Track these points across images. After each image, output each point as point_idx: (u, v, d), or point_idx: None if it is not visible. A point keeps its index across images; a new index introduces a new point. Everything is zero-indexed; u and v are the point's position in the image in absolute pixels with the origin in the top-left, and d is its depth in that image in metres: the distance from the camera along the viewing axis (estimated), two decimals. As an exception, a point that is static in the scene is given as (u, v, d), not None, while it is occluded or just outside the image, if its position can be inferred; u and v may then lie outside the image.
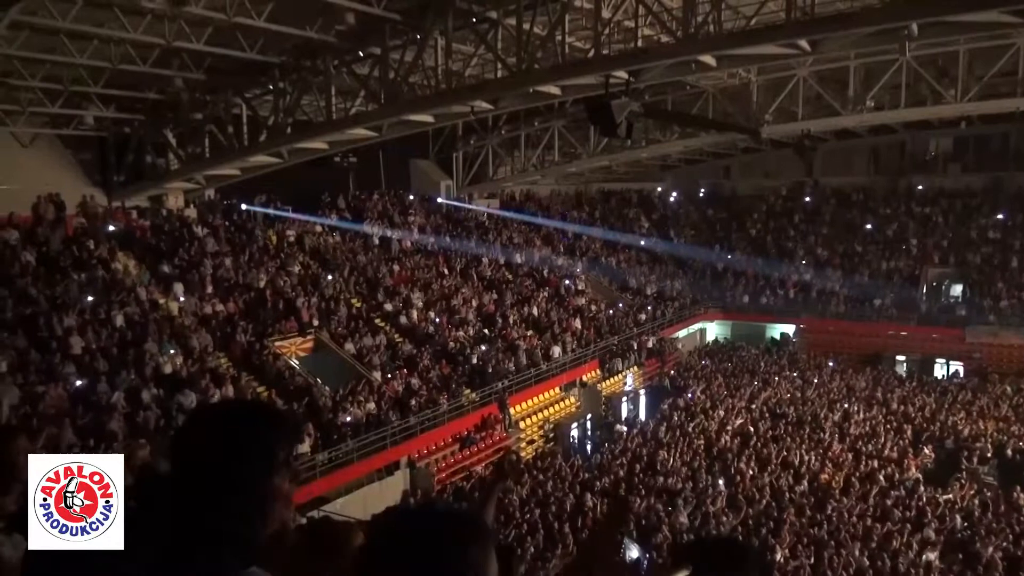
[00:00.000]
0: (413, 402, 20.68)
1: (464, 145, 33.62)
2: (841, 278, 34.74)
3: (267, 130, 21.19)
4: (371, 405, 19.89)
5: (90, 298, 18.75)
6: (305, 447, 17.06)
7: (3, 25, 14.14)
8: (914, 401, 25.86)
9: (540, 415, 24.77)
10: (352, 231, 28.59)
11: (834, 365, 30.99)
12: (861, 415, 24.22)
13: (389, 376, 21.62)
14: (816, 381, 28.52)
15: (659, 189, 44.15)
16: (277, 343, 21.10)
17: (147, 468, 4.77)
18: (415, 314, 25.39)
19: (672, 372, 29.70)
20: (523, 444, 22.92)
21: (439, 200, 33.73)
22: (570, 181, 40.90)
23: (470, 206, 34.70)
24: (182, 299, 20.93)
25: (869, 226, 37.62)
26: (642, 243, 39.69)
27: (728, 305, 36.38)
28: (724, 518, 16.78)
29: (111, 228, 22.07)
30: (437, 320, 25.63)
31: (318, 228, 27.78)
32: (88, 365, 16.69)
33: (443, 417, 21.15)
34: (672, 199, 43.72)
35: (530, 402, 24.79)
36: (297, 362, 21.14)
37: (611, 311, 32.42)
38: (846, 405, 25.21)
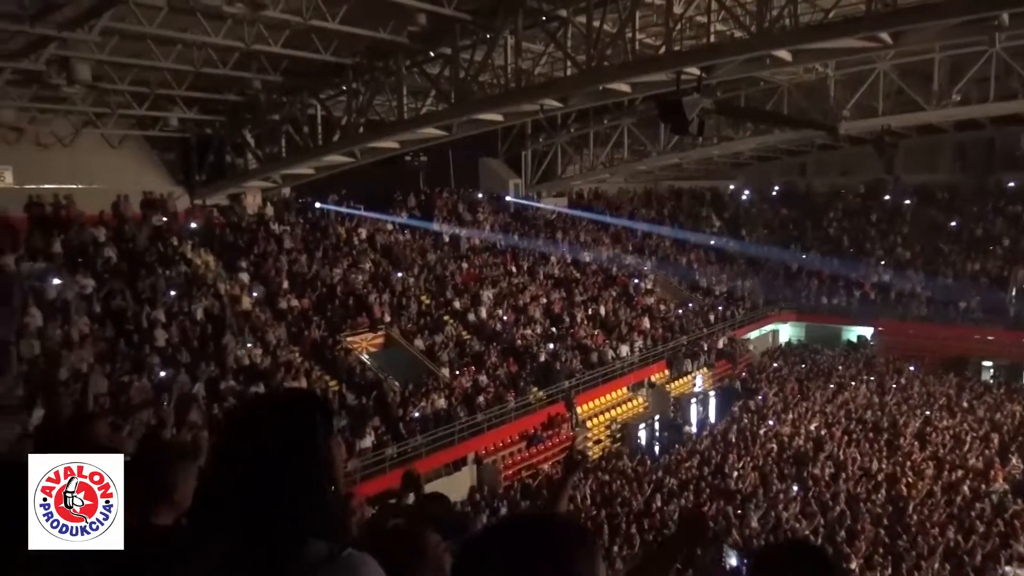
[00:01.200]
0: (481, 399, 20.84)
1: (533, 143, 33.63)
2: (923, 279, 33.36)
3: (340, 130, 21.64)
4: (440, 401, 20.12)
5: (173, 292, 19.54)
6: (367, 442, 17.42)
7: (95, 31, 14.82)
8: (1002, 409, 24.65)
9: (607, 415, 24.63)
10: (422, 229, 28.95)
11: (915, 370, 29.79)
12: (944, 422, 23.24)
13: (457, 373, 21.84)
14: (895, 386, 27.50)
15: (731, 187, 43.27)
16: (349, 338, 21.55)
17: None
18: (483, 312, 25.56)
19: (743, 374, 29.10)
20: (590, 444, 22.82)
21: (507, 198, 33.85)
22: (639, 179, 40.47)
23: (538, 204, 34.70)
24: (257, 294, 21.62)
25: (954, 225, 36.03)
26: (713, 242, 38.96)
27: (802, 306, 35.39)
28: (796, 524, 16.36)
29: (193, 225, 22.91)
30: (505, 318, 25.74)
31: (389, 226, 28.23)
32: (171, 357, 17.40)
33: (510, 415, 21.24)
34: (744, 197, 42.78)
35: (597, 401, 24.67)
36: (368, 357, 21.55)
37: (680, 311, 31.97)
38: (927, 412, 24.23)
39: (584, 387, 24.05)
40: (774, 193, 42.34)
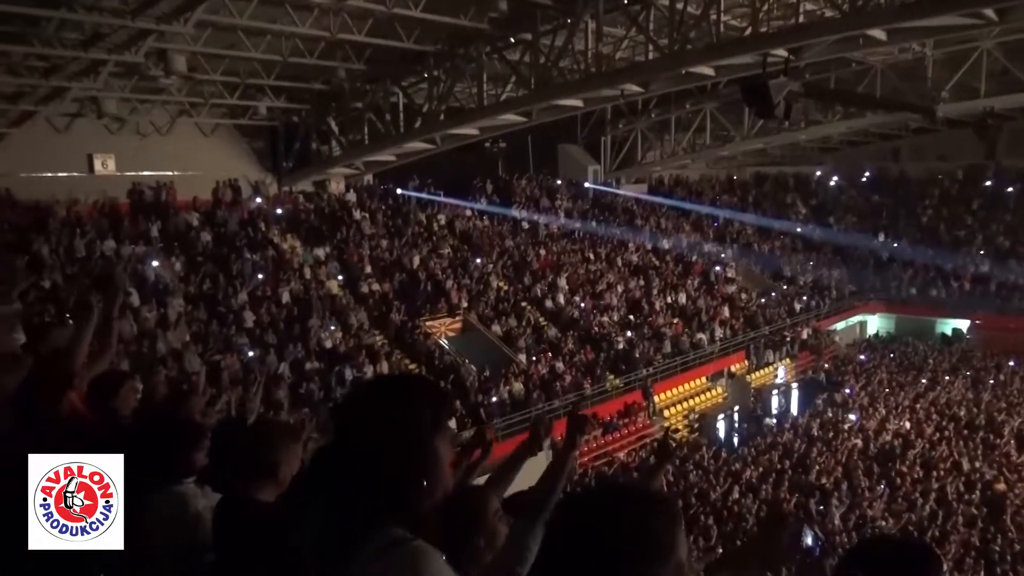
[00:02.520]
0: (557, 385, 20.88)
1: (612, 129, 33.26)
2: (1025, 270, 31.52)
3: (421, 117, 21.91)
4: (517, 387, 20.26)
5: (260, 276, 20.26)
6: (451, 425, 17.65)
7: (190, 24, 15.44)
8: (1112, 409, 23.16)
9: (685, 404, 24.29)
10: (500, 215, 29.08)
11: (1015, 365, 28.22)
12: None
13: (534, 359, 21.92)
14: (992, 382, 26.15)
15: (818, 173, 41.76)
16: (428, 323, 21.89)
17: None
18: (561, 298, 25.54)
19: (828, 366, 28.18)
20: (672, 428, 22.55)
21: (586, 185, 33.63)
22: (721, 165, 39.54)
23: (617, 191, 34.36)
24: (341, 278, 22.21)
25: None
26: (798, 229, 37.73)
27: (892, 297, 33.97)
28: (883, 523, 15.82)
29: (279, 211, 23.66)
30: (582, 305, 25.66)
31: (467, 212, 28.47)
32: (259, 338, 18.08)
33: (586, 402, 21.19)
34: (832, 183, 41.22)
35: (675, 391, 24.36)
36: (446, 342, 21.85)
37: (763, 300, 31.18)
38: (1028, 410, 22.99)
39: (662, 376, 23.78)
40: (864, 179, 40.61)
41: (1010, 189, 35.97)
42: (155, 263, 18.71)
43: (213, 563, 2.88)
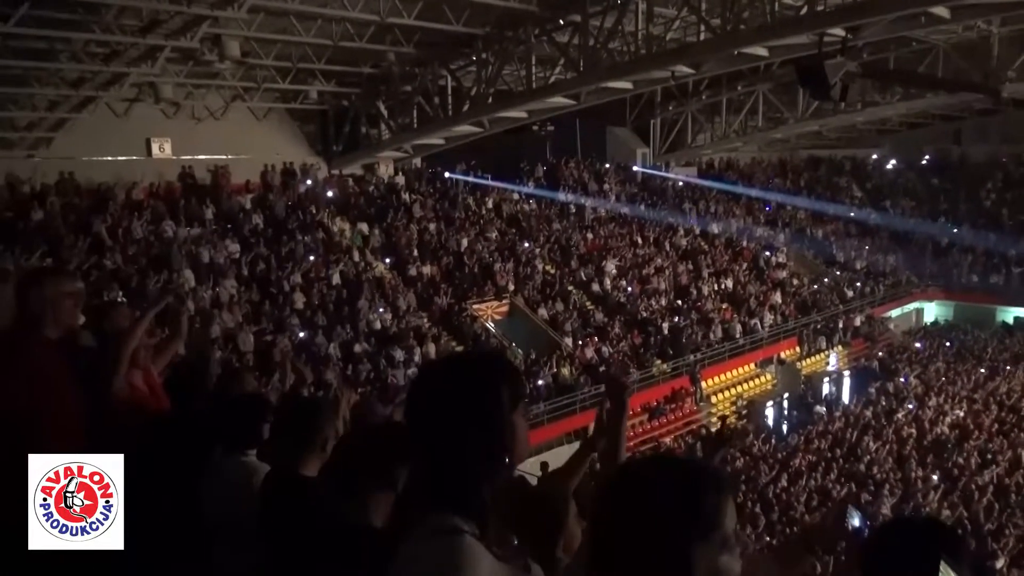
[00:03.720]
0: (603, 370, 20.82)
1: (662, 112, 32.77)
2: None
3: (470, 100, 21.92)
4: (564, 371, 20.27)
5: (311, 258, 20.59)
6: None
7: (243, 9, 15.68)
8: None
9: (733, 391, 24.02)
10: (547, 199, 28.99)
11: (1081, 356, 27.20)
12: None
13: (580, 343, 21.89)
14: (1057, 373, 25.25)
15: (874, 156, 40.61)
16: (475, 306, 22.01)
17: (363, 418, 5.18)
18: (608, 282, 25.42)
19: (882, 354, 27.53)
20: (714, 419, 22.36)
21: (635, 168, 33.29)
22: (774, 148, 38.66)
23: (666, 174, 33.91)
24: (388, 261, 22.44)
25: None
26: (853, 214, 36.73)
27: (951, 284, 32.96)
28: (936, 515, 15.46)
29: (329, 194, 23.97)
30: (629, 289, 25.50)
31: (515, 196, 28.44)
32: (309, 319, 18.41)
33: (633, 387, 21.11)
34: (889, 167, 40.05)
35: (723, 376, 24.11)
36: (492, 325, 21.95)
37: (815, 286, 30.56)
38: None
39: (710, 361, 23.53)
40: (924, 162, 39.38)
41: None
42: (208, 245, 19.14)
43: (260, 533, 2.97)
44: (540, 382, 19.44)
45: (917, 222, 35.40)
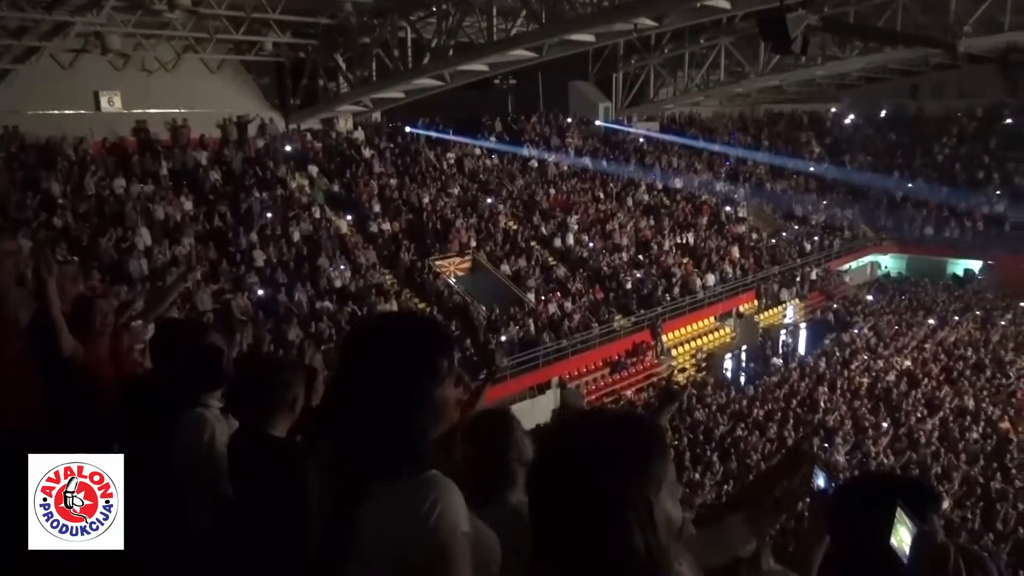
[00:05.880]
0: (566, 325, 21.00)
1: (624, 65, 32.56)
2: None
3: (430, 53, 21.50)
4: (526, 326, 20.39)
5: (270, 215, 20.26)
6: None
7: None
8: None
9: (693, 344, 24.44)
10: (510, 154, 28.79)
11: (1027, 306, 28.13)
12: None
13: (543, 298, 22.01)
14: (1003, 323, 26.11)
15: (833, 110, 41.00)
16: (437, 262, 21.94)
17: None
18: (570, 238, 25.48)
19: (837, 306, 28.18)
20: (675, 372, 22.76)
21: (597, 122, 33.16)
22: (735, 103, 38.79)
23: (629, 129, 33.86)
24: (350, 217, 22.18)
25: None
26: (811, 168, 37.19)
27: (905, 237, 33.71)
28: (885, 460, 16.06)
29: (288, 149, 23.49)
30: (591, 245, 25.60)
31: (477, 151, 28.19)
32: (269, 277, 18.19)
33: (595, 341, 21.36)
34: (848, 121, 40.46)
35: (683, 330, 24.49)
36: (455, 281, 21.93)
37: (774, 240, 31.01)
38: (1037, 350, 23.02)
39: (670, 315, 23.85)
40: (881, 117, 39.85)
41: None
42: (163, 202, 18.71)
43: (230, 494, 2.98)
44: (503, 337, 19.55)
45: (873, 176, 35.98)
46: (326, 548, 1.65)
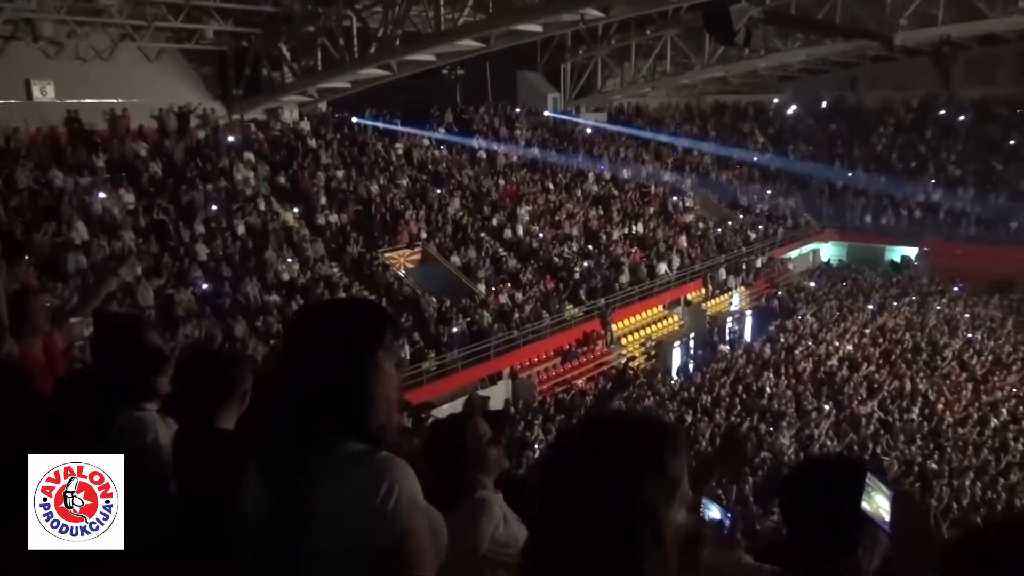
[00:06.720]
0: (516, 315, 21.05)
1: (572, 56, 32.70)
2: (974, 198, 32.26)
3: (376, 42, 21.27)
4: (486, 316, 20.36)
5: (214, 207, 19.80)
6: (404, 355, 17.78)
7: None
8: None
9: (642, 332, 24.74)
10: (459, 145, 28.66)
11: (960, 291, 29.19)
12: (987, 344, 22.92)
13: (493, 289, 22.01)
14: (938, 308, 27.06)
15: (776, 101, 41.83)
16: (387, 254, 21.75)
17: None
18: (520, 229, 25.52)
19: (781, 294, 28.85)
20: (629, 360, 23.01)
21: (545, 113, 33.23)
22: (681, 94, 39.29)
23: (577, 119, 34.02)
24: (296, 210, 21.83)
25: (1012, 142, 34.49)
26: (756, 159, 37.92)
27: (845, 225, 34.65)
28: (828, 442, 16.51)
29: (231, 139, 22.99)
30: (542, 235, 25.69)
31: (425, 142, 28.00)
32: (214, 271, 17.79)
33: (546, 331, 21.46)
34: (790, 112, 41.33)
35: (633, 319, 24.76)
36: (405, 273, 21.78)
37: (720, 229, 31.55)
38: (969, 334, 23.90)
39: (620, 305, 24.10)
40: (822, 108, 40.81)
41: (962, 118, 36.43)
42: (101, 195, 18.13)
43: (175, 493, 2.91)
44: (454, 329, 19.50)
45: (815, 166, 36.83)
46: (271, 547, 1.63)
